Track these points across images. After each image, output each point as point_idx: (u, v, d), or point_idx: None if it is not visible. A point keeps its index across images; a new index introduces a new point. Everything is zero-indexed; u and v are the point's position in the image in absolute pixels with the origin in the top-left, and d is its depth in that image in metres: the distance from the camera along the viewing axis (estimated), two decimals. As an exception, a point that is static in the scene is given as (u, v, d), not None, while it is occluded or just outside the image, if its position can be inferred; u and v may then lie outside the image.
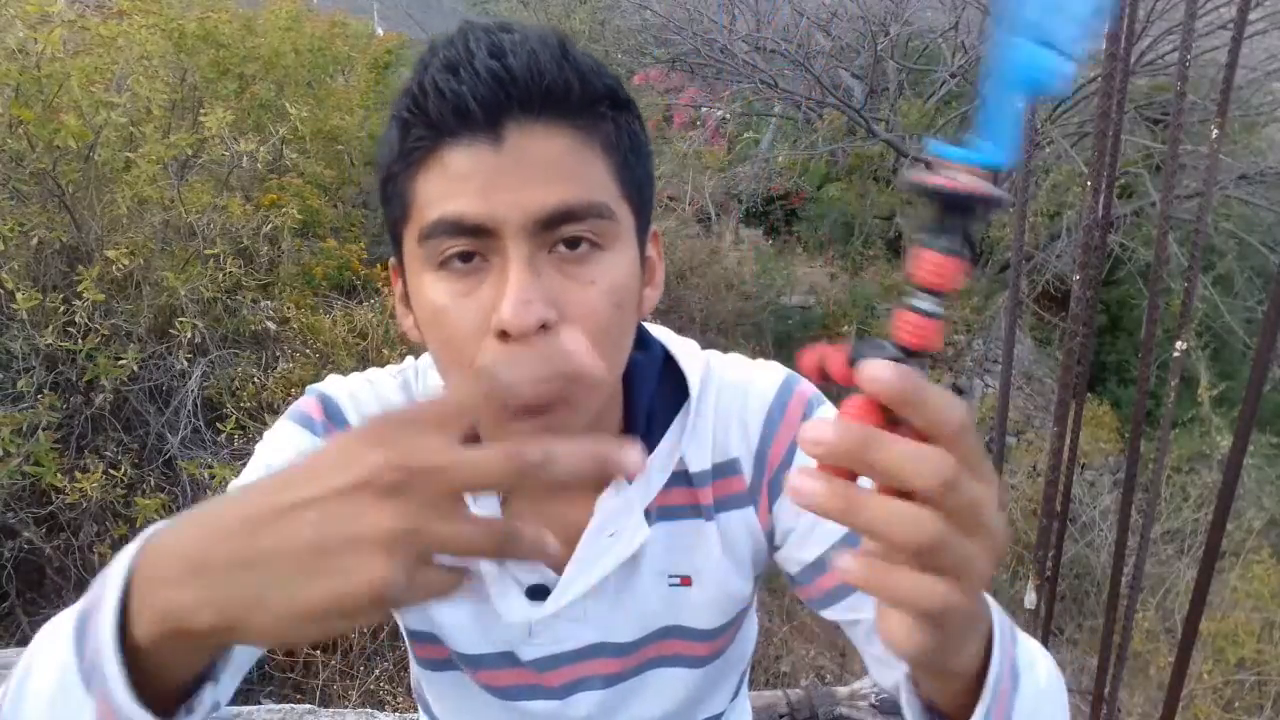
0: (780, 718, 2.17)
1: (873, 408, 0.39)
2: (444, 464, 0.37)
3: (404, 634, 0.83)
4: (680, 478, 0.76)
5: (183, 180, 3.55)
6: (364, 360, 3.64)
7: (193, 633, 0.40)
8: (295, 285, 3.94)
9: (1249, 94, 8.12)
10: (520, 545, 0.40)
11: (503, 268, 0.60)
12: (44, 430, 2.86)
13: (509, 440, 0.39)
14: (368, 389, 0.79)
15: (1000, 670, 0.51)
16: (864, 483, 0.39)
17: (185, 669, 0.45)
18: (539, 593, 0.75)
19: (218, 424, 3.22)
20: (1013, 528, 5.36)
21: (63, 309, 2.95)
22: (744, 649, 0.90)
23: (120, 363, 3.00)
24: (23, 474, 2.79)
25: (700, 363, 0.79)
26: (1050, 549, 1.63)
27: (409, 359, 0.82)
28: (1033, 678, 0.56)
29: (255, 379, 3.35)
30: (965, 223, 0.39)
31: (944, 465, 0.37)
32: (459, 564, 0.41)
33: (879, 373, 0.37)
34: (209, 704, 0.48)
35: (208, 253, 3.30)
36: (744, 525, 0.78)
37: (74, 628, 0.45)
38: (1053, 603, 1.72)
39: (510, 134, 0.59)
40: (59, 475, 2.82)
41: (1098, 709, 1.71)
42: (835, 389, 0.48)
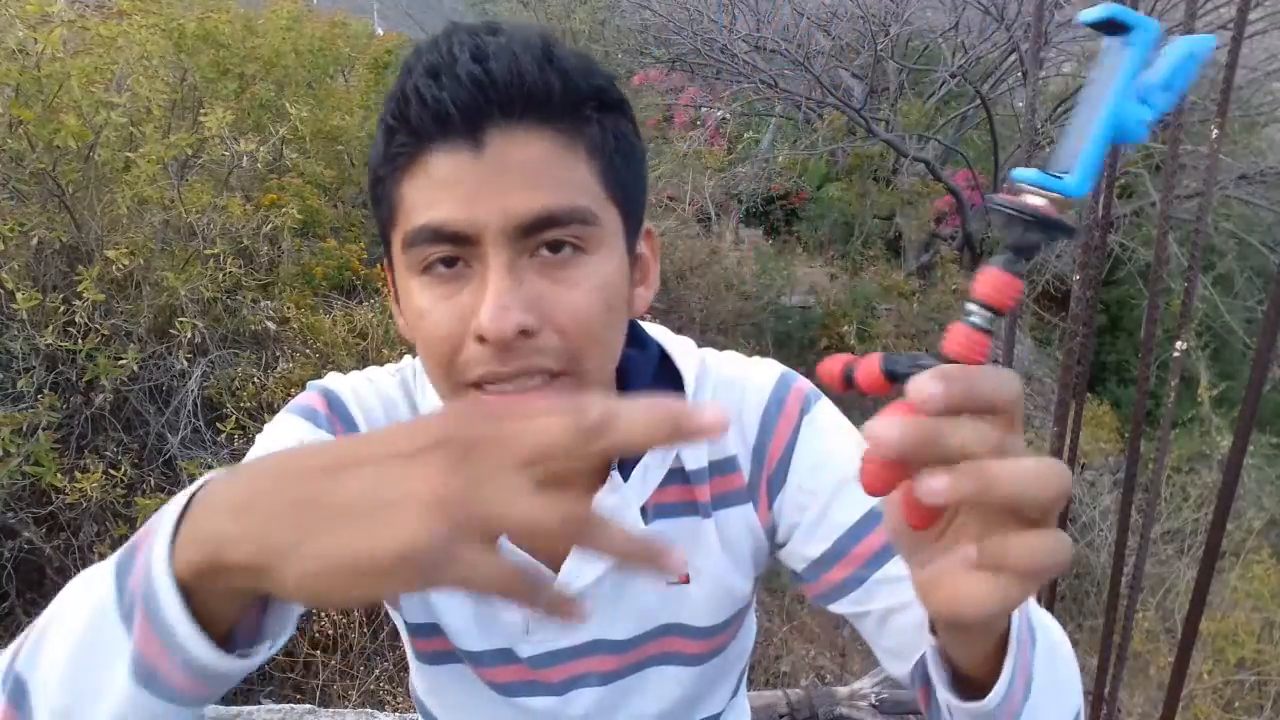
0: (780, 718, 2.17)
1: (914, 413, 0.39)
2: (508, 434, 0.37)
3: (403, 631, 0.83)
4: (677, 475, 0.76)
5: (183, 180, 3.55)
6: (364, 360, 3.64)
7: (227, 566, 0.40)
8: (295, 285, 3.94)
9: (1249, 94, 8.12)
10: (593, 530, 0.37)
11: (484, 274, 0.60)
12: (44, 430, 2.86)
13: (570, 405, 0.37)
14: (368, 386, 0.79)
15: (1020, 626, 0.53)
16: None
17: (223, 610, 0.44)
18: None
19: (218, 424, 3.22)
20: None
21: (63, 309, 2.95)
22: (742, 648, 0.89)
23: (120, 363, 3.00)
24: (23, 474, 2.79)
25: (696, 360, 0.78)
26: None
27: (406, 358, 0.82)
28: (1045, 632, 0.59)
29: (255, 379, 3.35)
30: (1035, 246, 0.41)
31: (1017, 441, 0.39)
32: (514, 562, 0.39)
33: (928, 389, 0.38)
34: (254, 659, 0.48)
35: (208, 253, 3.30)
36: (743, 522, 0.78)
37: (114, 567, 0.46)
38: (1053, 603, 1.72)
39: (491, 139, 0.59)
40: (59, 475, 2.82)
41: (1098, 709, 1.71)
42: (835, 392, 0.49)
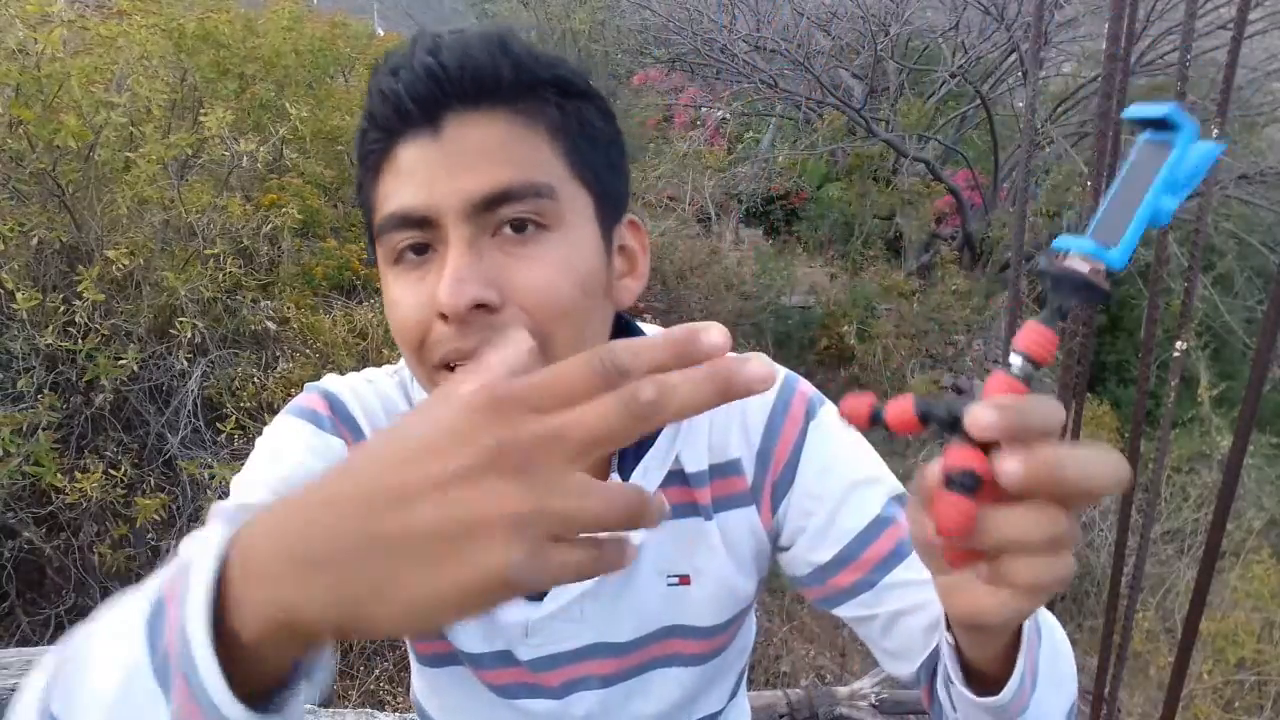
0: (780, 718, 2.17)
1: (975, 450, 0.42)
2: (560, 429, 0.35)
3: None
4: (676, 477, 0.76)
5: (183, 180, 3.54)
6: (364, 360, 3.64)
7: (306, 629, 0.37)
8: (295, 285, 3.94)
9: (1249, 94, 8.12)
10: (650, 513, 0.37)
11: (447, 254, 0.61)
12: (44, 430, 2.86)
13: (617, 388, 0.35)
14: (368, 387, 0.79)
15: (1030, 626, 0.55)
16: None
17: (283, 664, 0.41)
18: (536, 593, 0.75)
19: (218, 424, 3.22)
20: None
21: (63, 309, 2.95)
22: (743, 647, 0.89)
23: (120, 363, 2.99)
24: (23, 474, 2.79)
25: None
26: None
27: (404, 359, 0.82)
28: (1049, 629, 0.62)
29: (255, 379, 3.35)
30: (1073, 306, 0.45)
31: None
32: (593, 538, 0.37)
33: (984, 417, 0.40)
34: (301, 701, 0.44)
35: (208, 253, 3.30)
36: (746, 524, 0.78)
37: (144, 622, 0.41)
38: (1053, 603, 1.72)
39: (449, 125, 0.61)
40: (59, 475, 2.81)
41: (1098, 709, 1.70)
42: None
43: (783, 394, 0.77)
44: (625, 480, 0.74)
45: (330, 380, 0.79)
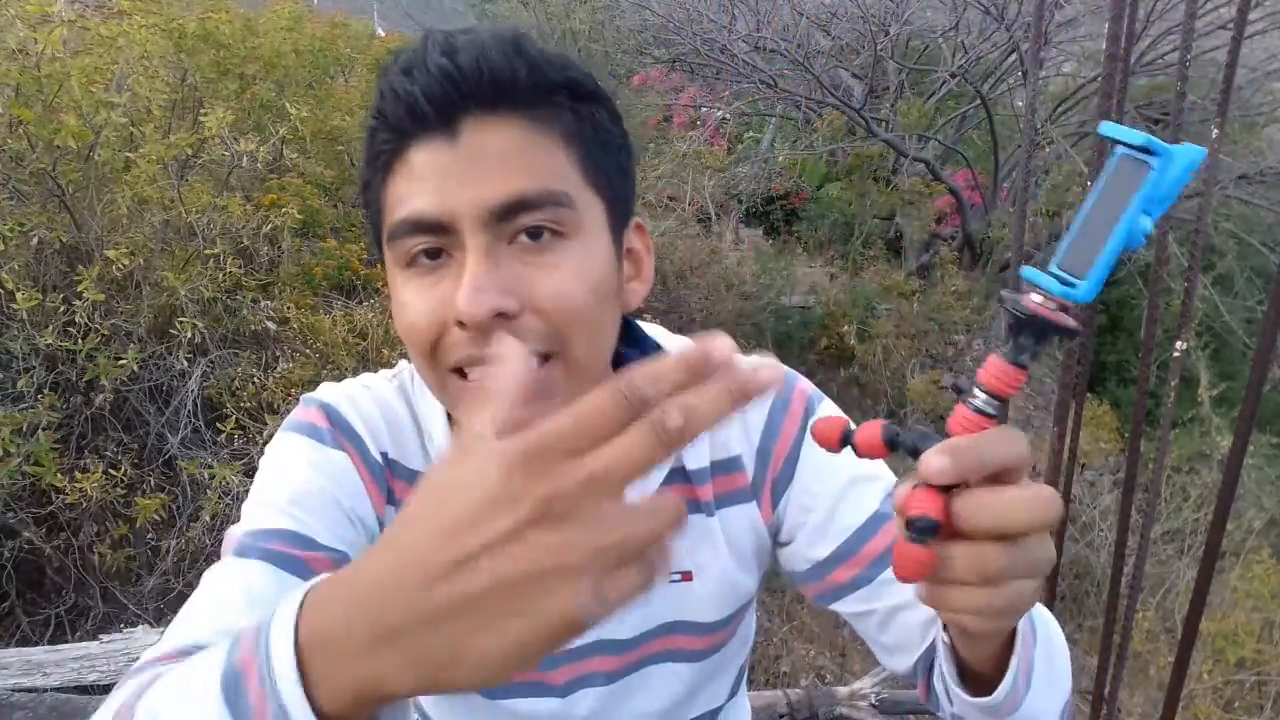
0: (780, 718, 2.17)
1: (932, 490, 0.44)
2: (597, 472, 0.35)
3: None
4: (677, 474, 0.77)
5: (183, 180, 3.54)
6: (364, 360, 3.64)
7: (390, 694, 0.39)
8: (295, 285, 3.93)
9: (1249, 94, 8.12)
10: (685, 515, 0.38)
11: (464, 261, 0.61)
12: (44, 430, 2.86)
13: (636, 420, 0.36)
14: (364, 393, 0.78)
15: (1024, 626, 0.57)
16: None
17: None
18: None
19: (218, 424, 3.21)
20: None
21: (63, 309, 2.95)
22: (743, 643, 0.90)
23: (120, 363, 2.99)
24: (23, 474, 2.79)
25: None
26: (1050, 549, 1.62)
27: (403, 363, 0.82)
28: (1044, 627, 0.62)
29: (255, 379, 3.34)
30: (1041, 344, 0.44)
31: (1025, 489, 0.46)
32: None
33: (936, 464, 0.42)
34: None
35: (208, 253, 3.30)
36: (746, 520, 0.78)
37: (224, 702, 0.41)
38: (1052, 603, 1.72)
39: (465, 129, 0.60)
40: (59, 475, 2.82)
41: (1098, 709, 1.71)
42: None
43: (783, 392, 0.78)
44: None
45: (326, 390, 0.79)
